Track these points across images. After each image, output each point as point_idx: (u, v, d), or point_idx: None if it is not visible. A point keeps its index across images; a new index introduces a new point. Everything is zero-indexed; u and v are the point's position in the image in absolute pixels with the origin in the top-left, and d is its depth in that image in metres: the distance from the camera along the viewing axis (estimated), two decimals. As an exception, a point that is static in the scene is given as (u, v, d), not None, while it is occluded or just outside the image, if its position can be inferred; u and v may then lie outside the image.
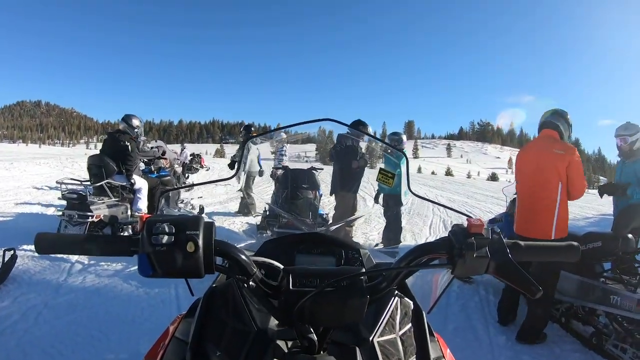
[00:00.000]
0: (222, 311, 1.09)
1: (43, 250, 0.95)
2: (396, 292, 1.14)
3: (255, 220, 8.04)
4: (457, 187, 21.34)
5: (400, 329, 1.08)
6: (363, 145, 6.39)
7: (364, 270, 0.96)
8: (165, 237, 0.84)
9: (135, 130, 7.43)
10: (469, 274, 0.94)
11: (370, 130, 6.91)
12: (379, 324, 1.05)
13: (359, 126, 6.10)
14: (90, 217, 6.18)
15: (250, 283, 0.96)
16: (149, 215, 0.90)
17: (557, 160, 3.90)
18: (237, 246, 0.98)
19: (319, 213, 5.86)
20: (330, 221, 5.53)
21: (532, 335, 3.97)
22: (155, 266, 0.85)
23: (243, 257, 0.95)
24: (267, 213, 6.45)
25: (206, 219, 0.92)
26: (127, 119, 7.42)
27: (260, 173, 8.99)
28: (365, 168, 6.25)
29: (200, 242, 0.87)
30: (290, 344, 0.99)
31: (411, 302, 1.17)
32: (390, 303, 1.10)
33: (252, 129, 10.17)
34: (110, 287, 4.73)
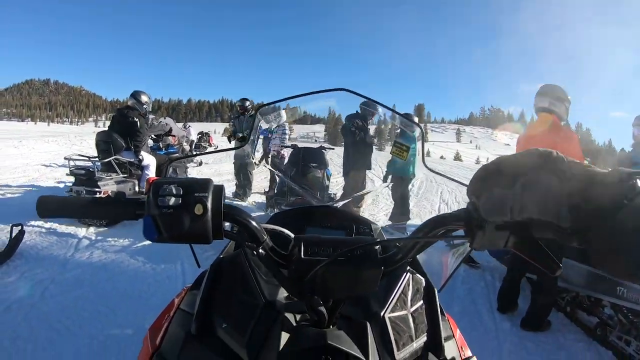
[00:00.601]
0: (230, 282, 1.05)
1: (45, 213, 0.91)
2: (408, 267, 1.11)
3: (262, 198, 8.04)
4: (465, 172, 21.14)
5: (411, 306, 1.05)
6: (372, 127, 6.35)
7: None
8: (172, 199, 0.79)
9: (144, 106, 7.43)
10: (487, 247, 0.87)
11: (380, 110, 6.85)
12: (391, 299, 1.02)
13: (367, 105, 6.04)
14: (97, 193, 6.17)
15: (260, 251, 0.90)
16: (156, 178, 0.84)
17: (555, 146, 3.74)
18: None
19: (328, 192, 5.82)
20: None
21: (536, 323, 3.94)
22: (161, 229, 0.79)
23: (253, 223, 0.89)
24: (275, 191, 6.44)
25: (215, 182, 0.86)
26: (136, 95, 7.40)
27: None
28: (374, 150, 6.22)
29: (209, 204, 0.81)
30: (299, 317, 0.95)
31: (423, 279, 1.14)
32: (402, 279, 1.08)
33: (248, 102, 9.24)
34: (117, 262, 4.72)
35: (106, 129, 7.49)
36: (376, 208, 8.24)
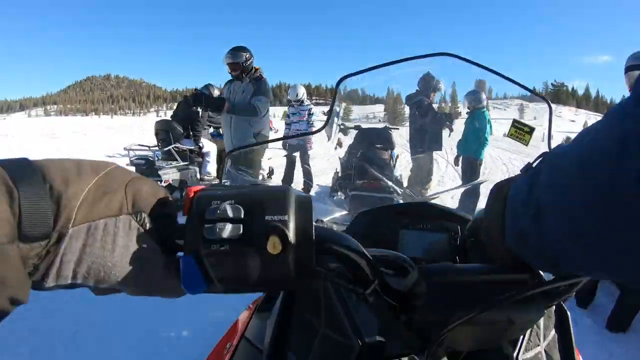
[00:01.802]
0: (310, 313, 0.81)
1: None
2: None
3: (326, 182, 7.77)
4: (530, 150, 20.47)
5: (544, 339, 0.80)
6: (434, 106, 6.02)
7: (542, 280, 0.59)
8: (229, 228, 0.46)
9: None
10: None
11: (443, 87, 6.48)
12: (524, 336, 0.77)
13: (432, 81, 5.70)
14: (159, 182, 6.13)
15: (367, 292, 0.57)
16: (200, 188, 0.52)
17: None
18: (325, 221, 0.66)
19: (394, 175, 5.52)
20: (405, 184, 5.25)
21: (623, 324, 3.61)
22: (211, 276, 0.48)
23: (362, 258, 0.56)
24: (339, 174, 6.20)
25: (298, 192, 0.54)
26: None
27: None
28: (443, 129, 5.90)
29: (291, 235, 0.48)
30: None
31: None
32: None
33: (245, 55, 5.80)
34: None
35: (166, 117, 7.61)
36: (443, 189, 7.89)
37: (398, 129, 6.43)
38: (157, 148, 7.02)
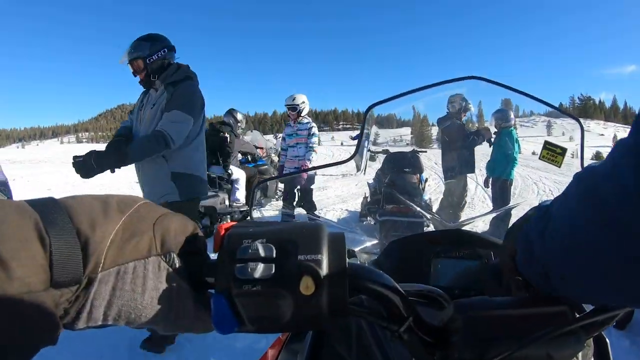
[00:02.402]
0: (340, 346, 0.80)
1: None
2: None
3: (353, 207, 7.74)
4: (566, 168, 20.20)
5: None
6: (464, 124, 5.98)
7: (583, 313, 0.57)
8: (261, 268, 0.45)
9: (238, 124, 7.79)
10: None
11: (472, 108, 6.42)
12: None
13: (462, 102, 5.66)
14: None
15: (401, 330, 0.55)
16: (230, 224, 0.52)
17: None
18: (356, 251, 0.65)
19: (423, 199, 5.47)
20: (435, 208, 5.22)
21: None
22: (242, 316, 0.48)
23: (396, 295, 0.53)
24: (368, 199, 6.16)
25: (331, 229, 0.53)
26: (232, 112, 7.77)
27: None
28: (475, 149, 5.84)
29: (325, 274, 0.46)
30: None
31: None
32: None
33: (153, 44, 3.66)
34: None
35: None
36: (473, 212, 7.79)
37: (426, 151, 6.39)
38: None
